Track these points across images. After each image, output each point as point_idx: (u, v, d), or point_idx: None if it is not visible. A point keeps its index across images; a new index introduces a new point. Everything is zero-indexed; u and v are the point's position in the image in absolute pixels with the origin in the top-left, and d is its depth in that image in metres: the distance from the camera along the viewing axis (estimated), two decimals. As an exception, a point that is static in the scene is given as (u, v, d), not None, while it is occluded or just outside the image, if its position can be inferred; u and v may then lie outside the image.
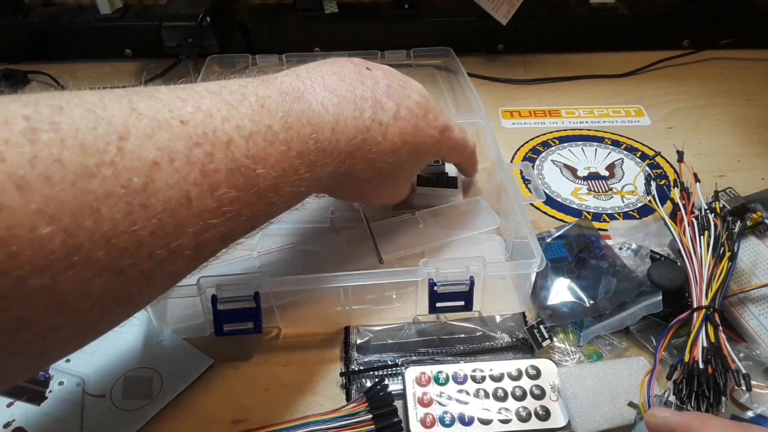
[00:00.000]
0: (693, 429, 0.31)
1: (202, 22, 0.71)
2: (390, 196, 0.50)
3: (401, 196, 0.51)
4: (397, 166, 0.43)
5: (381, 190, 0.46)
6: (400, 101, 0.42)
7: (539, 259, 0.44)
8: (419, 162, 0.46)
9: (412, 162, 0.44)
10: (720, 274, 0.43)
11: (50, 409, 0.43)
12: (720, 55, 0.83)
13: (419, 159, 0.45)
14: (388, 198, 0.50)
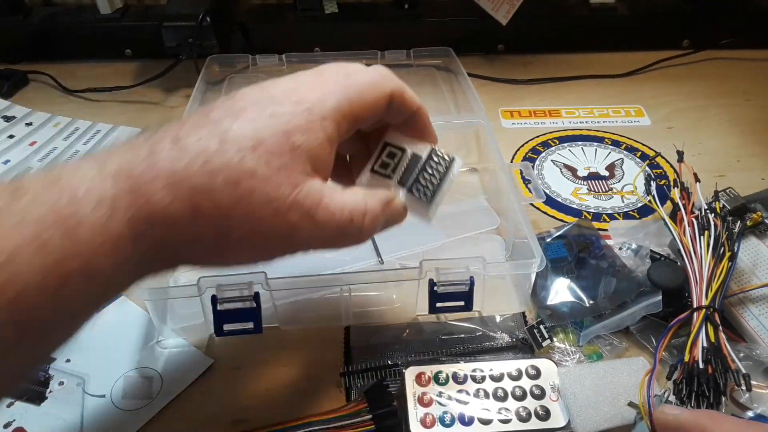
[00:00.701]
0: (706, 427, 0.30)
1: (202, 22, 0.71)
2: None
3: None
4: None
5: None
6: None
7: (539, 259, 0.44)
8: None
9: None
10: (720, 274, 0.43)
11: (50, 409, 0.43)
12: (720, 55, 0.83)
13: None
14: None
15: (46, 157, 0.67)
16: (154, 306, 0.46)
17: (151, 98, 0.76)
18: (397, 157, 0.34)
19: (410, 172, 0.34)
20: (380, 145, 0.34)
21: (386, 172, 0.34)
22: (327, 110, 0.29)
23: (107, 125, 0.72)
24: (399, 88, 0.32)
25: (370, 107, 0.31)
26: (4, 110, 0.73)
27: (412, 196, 0.34)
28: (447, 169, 0.34)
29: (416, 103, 0.34)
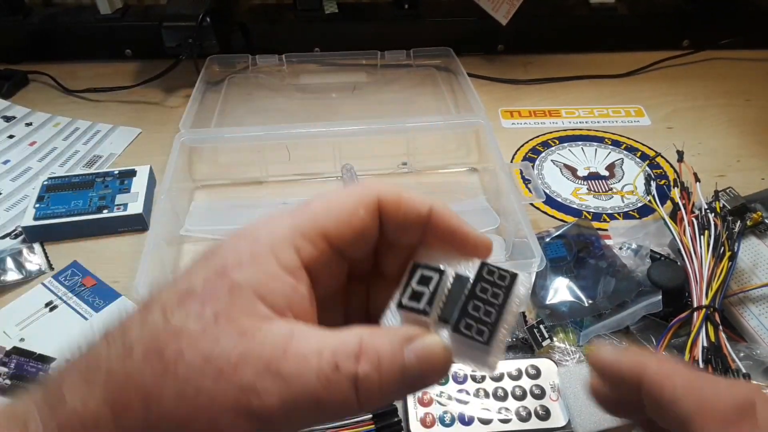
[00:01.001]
0: (648, 366, 0.24)
1: (202, 22, 0.71)
2: None
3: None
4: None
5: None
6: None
7: (539, 259, 0.45)
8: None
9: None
10: (720, 273, 0.43)
11: (50, 409, 0.42)
12: (720, 56, 0.83)
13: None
14: None
15: (45, 157, 0.67)
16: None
17: (151, 98, 0.77)
18: (434, 283, 0.23)
19: (455, 301, 0.23)
20: (408, 268, 0.24)
21: (420, 305, 0.23)
22: (279, 235, 0.22)
23: (107, 125, 0.72)
24: (390, 192, 0.24)
25: (346, 221, 0.23)
26: (4, 110, 0.73)
27: (461, 337, 0.22)
28: (508, 291, 0.23)
29: (424, 205, 0.24)
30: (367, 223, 0.23)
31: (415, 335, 0.21)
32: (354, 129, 0.59)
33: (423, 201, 0.24)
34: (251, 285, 0.21)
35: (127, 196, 0.58)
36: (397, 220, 0.24)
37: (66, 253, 0.55)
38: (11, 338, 0.47)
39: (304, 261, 0.22)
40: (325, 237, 0.22)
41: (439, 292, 0.23)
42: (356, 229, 0.23)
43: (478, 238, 0.24)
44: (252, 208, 0.58)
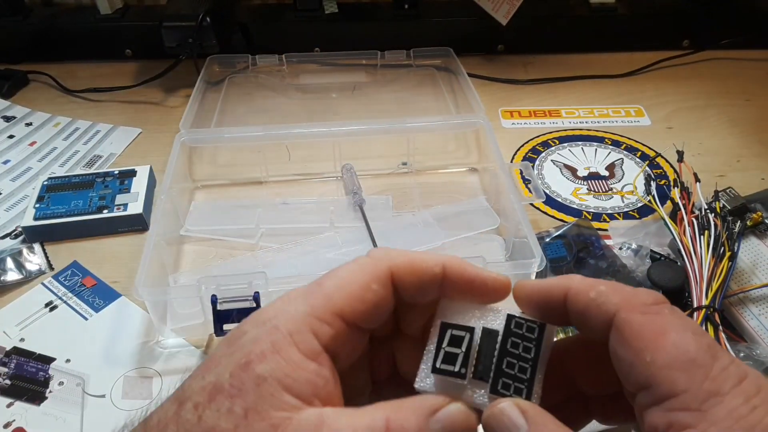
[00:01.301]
0: (573, 279, 0.24)
1: (202, 22, 0.71)
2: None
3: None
4: None
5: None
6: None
7: (539, 259, 0.44)
8: None
9: None
10: (720, 273, 0.43)
11: (50, 409, 0.43)
12: (720, 56, 0.83)
13: None
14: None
15: (45, 157, 0.67)
16: (153, 306, 0.46)
17: (151, 98, 0.77)
18: (465, 343, 0.23)
19: (488, 358, 0.23)
20: (437, 329, 0.24)
21: (455, 368, 0.23)
22: (297, 321, 0.22)
23: (107, 125, 0.72)
24: (401, 261, 0.24)
25: (360, 298, 0.23)
26: (4, 110, 0.73)
27: (500, 397, 0.22)
28: (539, 343, 0.23)
29: (437, 266, 0.24)
30: (381, 296, 0.23)
31: (440, 405, 0.22)
32: (354, 129, 0.59)
33: (435, 261, 0.24)
34: (276, 377, 0.21)
35: (127, 196, 0.58)
36: (413, 286, 0.24)
37: (66, 253, 0.55)
38: (11, 338, 0.47)
39: (323, 343, 0.22)
40: (341, 316, 0.23)
41: (471, 352, 0.23)
42: (370, 304, 0.23)
43: (496, 281, 0.25)
44: (252, 208, 0.58)
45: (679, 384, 0.19)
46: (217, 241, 0.56)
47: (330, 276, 0.24)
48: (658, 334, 0.21)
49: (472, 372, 0.23)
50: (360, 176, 0.60)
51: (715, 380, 0.19)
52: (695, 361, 0.20)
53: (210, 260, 0.54)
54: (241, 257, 0.54)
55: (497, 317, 0.24)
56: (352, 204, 0.58)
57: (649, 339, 0.21)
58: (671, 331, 0.21)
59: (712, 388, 0.19)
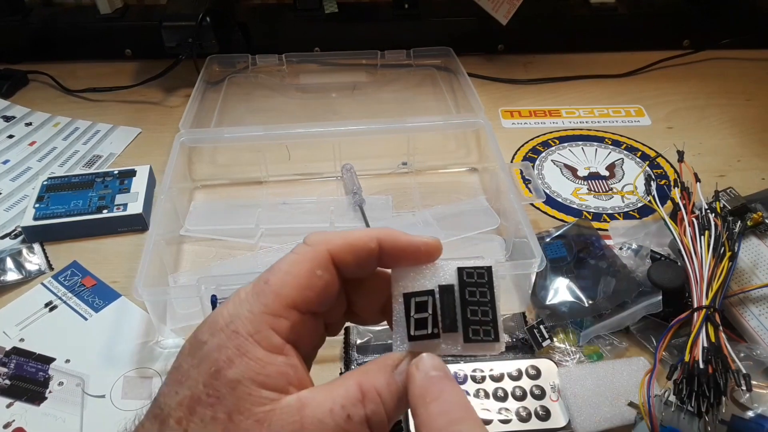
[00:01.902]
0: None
1: (202, 22, 0.71)
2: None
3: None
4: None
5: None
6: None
7: (539, 259, 0.44)
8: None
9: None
10: (720, 274, 0.43)
11: (50, 409, 0.42)
12: (720, 55, 0.83)
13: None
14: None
15: (45, 157, 0.67)
16: (153, 306, 0.46)
17: (151, 98, 0.76)
18: (430, 305, 0.25)
19: (451, 311, 0.25)
20: (399, 300, 0.25)
21: (429, 330, 0.25)
22: (254, 322, 0.23)
23: (107, 125, 0.72)
24: (337, 242, 0.25)
25: (307, 286, 0.24)
26: (3, 110, 0.73)
27: (473, 344, 0.25)
28: (491, 285, 0.25)
29: (371, 239, 0.26)
30: (326, 280, 0.25)
31: (399, 359, 0.24)
32: (354, 129, 0.59)
33: (370, 236, 0.26)
34: (249, 377, 0.22)
35: (127, 196, 0.58)
36: (353, 264, 0.25)
37: (66, 253, 0.55)
38: (11, 338, 0.47)
39: (284, 336, 0.23)
40: (294, 307, 0.24)
41: (436, 312, 0.25)
42: (319, 290, 0.24)
43: (428, 244, 0.27)
44: (252, 208, 0.58)
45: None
46: (216, 241, 0.56)
47: (274, 270, 0.25)
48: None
49: (442, 328, 0.25)
50: (360, 176, 0.60)
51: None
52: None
53: (210, 260, 0.54)
54: (240, 257, 0.54)
55: (447, 271, 0.26)
56: (352, 204, 0.58)
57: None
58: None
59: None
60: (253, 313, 0.23)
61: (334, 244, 0.25)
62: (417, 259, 0.27)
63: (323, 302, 0.25)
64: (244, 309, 0.24)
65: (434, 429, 0.22)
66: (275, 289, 0.24)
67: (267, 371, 0.22)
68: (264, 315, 0.23)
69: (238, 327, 0.23)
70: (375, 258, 0.26)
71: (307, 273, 0.24)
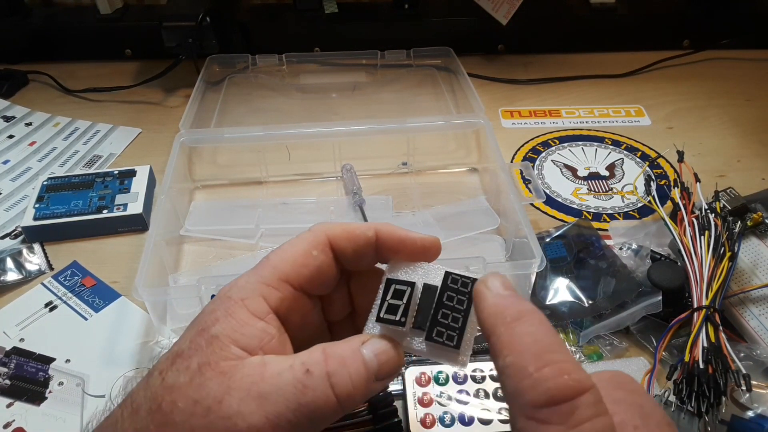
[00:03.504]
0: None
1: (202, 22, 0.71)
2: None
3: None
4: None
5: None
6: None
7: (539, 259, 0.44)
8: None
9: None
10: (720, 274, 0.43)
11: (50, 409, 0.43)
12: (720, 56, 0.83)
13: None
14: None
15: (45, 157, 0.67)
16: (153, 306, 0.46)
17: (151, 98, 0.76)
18: (406, 296, 0.26)
19: (426, 310, 0.26)
20: (383, 284, 0.27)
21: (396, 317, 0.26)
22: (247, 289, 0.25)
23: (107, 125, 0.72)
24: (337, 229, 0.27)
25: (302, 263, 0.26)
26: (3, 110, 0.73)
27: (434, 344, 0.25)
28: (471, 296, 0.25)
29: (369, 229, 0.27)
30: (321, 260, 0.26)
31: (366, 337, 0.26)
32: (354, 129, 0.59)
33: (368, 226, 0.27)
34: (226, 334, 0.24)
35: (127, 196, 0.58)
36: (350, 249, 0.27)
37: (66, 253, 0.55)
38: (11, 338, 0.47)
39: (272, 305, 0.25)
40: (287, 281, 0.26)
41: (411, 304, 0.26)
42: (312, 268, 0.26)
43: (426, 240, 0.27)
44: (252, 208, 0.58)
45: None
46: (216, 241, 0.56)
47: (276, 250, 0.27)
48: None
49: (412, 322, 0.26)
50: (360, 176, 0.60)
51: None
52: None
53: (210, 260, 0.54)
54: (240, 257, 0.54)
55: (437, 274, 0.27)
56: (352, 204, 0.58)
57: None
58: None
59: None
60: (249, 282, 0.26)
61: (333, 230, 0.27)
62: (414, 254, 0.27)
63: (317, 281, 0.27)
64: (242, 279, 0.26)
65: (525, 353, 0.20)
66: (273, 262, 0.26)
67: (243, 330, 0.24)
68: (258, 284, 0.25)
69: (232, 293, 0.25)
70: (372, 248, 0.27)
71: (303, 252, 0.26)
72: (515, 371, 0.20)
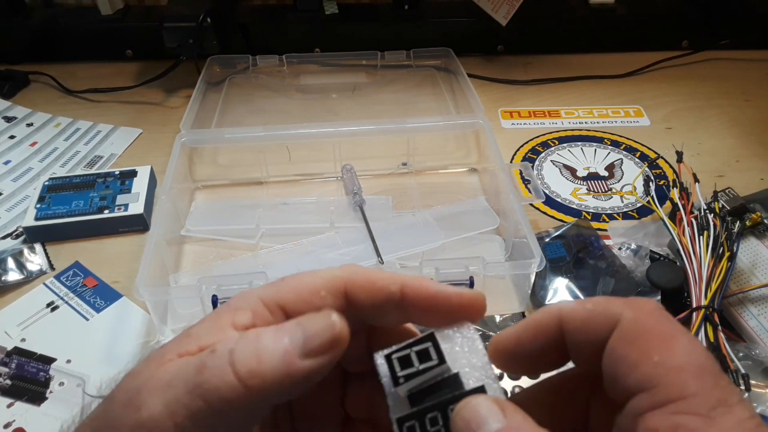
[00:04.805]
0: (557, 308, 0.22)
1: (203, 22, 0.71)
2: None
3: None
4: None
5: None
6: None
7: (539, 259, 0.45)
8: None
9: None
10: (719, 274, 0.43)
11: (50, 409, 0.43)
12: (719, 56, 0.83)
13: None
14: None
15: (47, 157, 0.67)
16: (154, 306, 0.47)
17: (152, 99, 0.77)
18: (427, 364, 0.21)
19: (427, 397, 0.21)
20: (426, 332, 0.22)
21: (397, 370, 0.21)
22: (244, 300, 0.24)
23: (108, 126, 0.72)
24: (359, 275, 0.23)
25: (306, 299, 0.23)
26: (5, 111, 0.74)
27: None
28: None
29: (394, 283, 0.23)
30: (327, 302, 0.23)
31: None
32: (354, 129, 0.59)
33: (393, 278, 0.23)
34: (198, 334, 0.22)
35: (128, 196, 0.58)
36: (367, 302, 0.23)
37: (67, 253, 0.55)
38: (12, 338, 0.47)
39: (257, 324, 0.23)
40: (283, 309, 0.23)
41: (425, 375, 0.21)
42: (314, 307, 0.23)
43: (464, 297, 0.23)
44: (252, 209, 0.59)
45: (689, 387, 0.18)
46: (217, 241, 0.56)
47: (293, 275, 0.24)
48: (667, 336, 0.20)
49: (408, 389, 0.21)
50: (360, 176, 0.61)
51: (724, 389, 0.18)
52: (705, 368, 0.19)
53: (210, 260, 0.54)
54: (241, 257, 0.54)
55: (482, 377, 0.21)
56: (352, 204, 0.58)
57: (658, 339, 0.20)
58: (680, 336, 0.20)
59: (721, 397, 0.18)
60: (252, 294, 0.24)
61: (355, 277, 0.23)
62: (450, 314, 0.23)
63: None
64: (250, 290, 0.24)
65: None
66: (279, 285, 0.24)
67: (211, 334, 0.22)
68: (256, 299, 0.23)
69: (232, 302, 0.24)
70: (395, 305, 0.23)
71: (313, 288, 0.23)
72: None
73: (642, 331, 0.20)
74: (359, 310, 0.23)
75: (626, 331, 0.20)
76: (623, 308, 0.21)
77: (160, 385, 0.20)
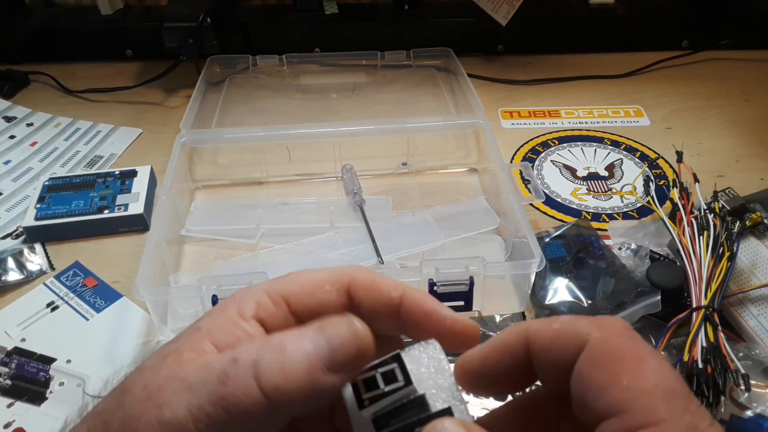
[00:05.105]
0: (525, 326, 0.22)
1: (203, 22, 0.71)
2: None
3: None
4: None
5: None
6: None
7: (539, 259, 0.45)
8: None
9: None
10: (719, 274, 0.43)
11: (50, 409, 0.43)
12: (719, 56, 0.83)
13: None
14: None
15: (47, 157, 0.67)
16: (154, 306, 0.47)
17: (152, 99, 0.77)
18: (392, 386, 0.21)
19: (393, 420, 0.20)
20: (392, 353, 0.22)
21: (363, 393, 0.21)
22: (249, 292, 0.24)
23: (108, 126, 0.72)
24: (363, 276, 0.24)
25: (310, 292, 0.23)
26: (5, 111, 0.74)
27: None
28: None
29: (396, 290, 0.23)
30: (331, 297, 0.23)
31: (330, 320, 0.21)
32: (354, 129, 0.59)
33: (396, 286, 0.23)
34: (207, 327, 0.23)
35: (128, 196, 0.58)
36: (367, 303, 0.23)
37: (67, 253, 0.55)
38: (12, 338, 0.47)
39: (260, 315, 0.23)
40: (286, 300, 0.23)
41: (391, 397, 0.20)
42: (317, 301, 0.23)
43: (458, 323, 0.23)
44: (252, 209, 0.59)
45: (659, 412, 0.18)
46: (217, 241, 0.56)
47: (298, 271, 0.25)
48: (637, 358, 0.19)
49: (373, 412, 0.20)
50: (360, 176, 0.61)
51: (694, 414, 0.18)
52: (675, 391, 0.18)
53: (210, 260, 0.54)
54: (241, 257, 0.54)
55: (448, 399, 0.20)
56: (352, 204, 0.58)
57: (627, 362, 0.19)
58: (649, 357, 0.19)
59: (692, 422, 0.18)
60: (257, 288, 0.24)
61: (360, 277, 0.24)
62: (440, 335, 0.23)
63: (316, 316, 0.23)
64: (254, 286, 0.24)
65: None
66: (284, 279, 0.24)
67: (222, 327, 0.23)
68: (261, 291, 0.24)
69: (238, 294, 0.24)
70: (393, 312, 0.23)
71: (317, 282, 0.24)
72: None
73: (611, 353, 0.20)
74: (358, 311, 0.23)
75: (594, 353, 0.20)
76: (591, 328, 0.20)
77: (182, 387, 0.21)
